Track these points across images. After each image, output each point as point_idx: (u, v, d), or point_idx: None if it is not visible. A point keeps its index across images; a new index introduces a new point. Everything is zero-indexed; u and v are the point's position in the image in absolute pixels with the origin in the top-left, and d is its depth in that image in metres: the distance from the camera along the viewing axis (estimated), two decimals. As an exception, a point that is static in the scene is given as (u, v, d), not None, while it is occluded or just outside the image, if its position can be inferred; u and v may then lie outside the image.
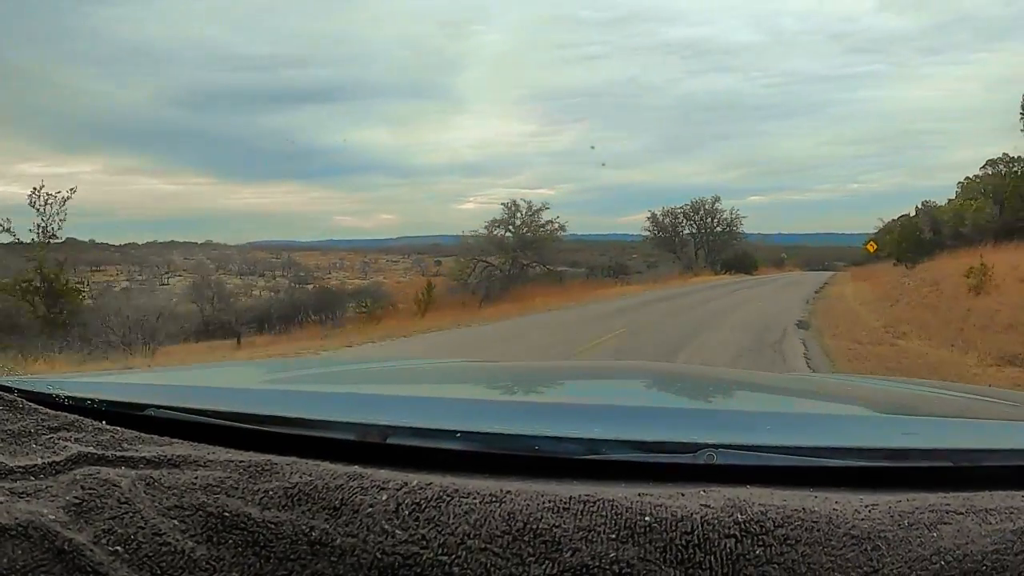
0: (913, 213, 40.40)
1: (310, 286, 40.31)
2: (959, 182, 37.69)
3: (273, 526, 0.58)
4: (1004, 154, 34.79)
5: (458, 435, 0.81)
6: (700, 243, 62.36)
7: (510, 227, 39.05)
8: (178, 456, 0.68)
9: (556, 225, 39.49)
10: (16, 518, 0.54)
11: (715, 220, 63.40)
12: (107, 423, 0.77)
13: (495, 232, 38.99)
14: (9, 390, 0.83)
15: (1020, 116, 29.71)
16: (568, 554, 0.56)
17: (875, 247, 55.42)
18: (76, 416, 0.77)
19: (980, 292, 16.46)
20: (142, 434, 0.75)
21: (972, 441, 0.92)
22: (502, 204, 39.74)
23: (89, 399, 0.88)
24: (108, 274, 44.84)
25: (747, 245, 66.66)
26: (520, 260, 38.33)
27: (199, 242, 57.70)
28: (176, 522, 0.58)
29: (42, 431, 0.72)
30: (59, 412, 0.77)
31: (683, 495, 0.62)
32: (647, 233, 61.29)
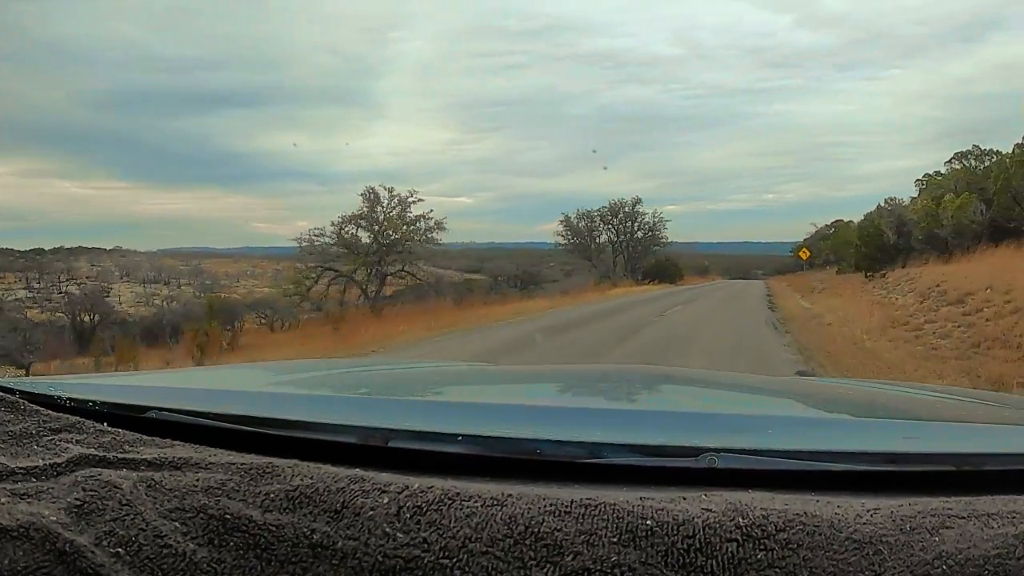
0: (872, 214, 34.47)
1: (216, 295, 36.55)
2: (918, 179, 33.25)
3: (274, 529, 0.58)
4: (975, 146, 30.65)
5: (460, 438, 0.81)
6: (619, 250, 55.40)
7: (372, 224, 29.32)
8: (179, 458, 0.68)
9: (431, 223, 29.73)
10: (17, 519, 0.54)
11: (636, 224, 56.06)
12: (108, 425, 0.77)
13: (347, 230, 29.52)
14: (11, 391, 0.83)
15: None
16: (569, 558, 0.56)
17: (808, 254, 53.62)
18: (77, 418, 0.77)
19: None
20: (144, 436, 0.75)
21: (974, 445, 0.92)
22: (360, 195, 29.60)
23: (91, 401, 0.88)
24: (6, 282, 43.01)
25: (670, 253, 59.68)
26: (382, 268, 29.24)
27: (108, 248, 55.31)
28: (177, 524, 0.58)
29: (43, 432, 0.72)
30: (60, 414, 0.77)
31: (685, 499, 0.62)
32: (560, 239, 54.43)
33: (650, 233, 56.53)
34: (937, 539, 0.57)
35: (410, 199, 29.53)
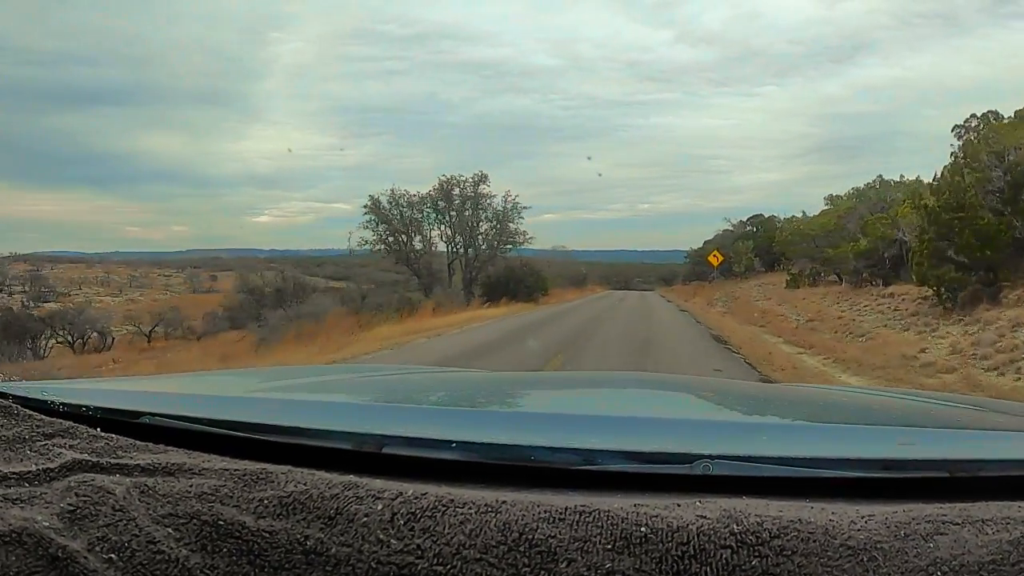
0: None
1: (49, 304, 34.13)
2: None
3: (268, 535, 0.58)
4: (972, 114, 24.85)
5: (454, 445, 0.81)
6: (458, 253, 37.69)
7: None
8: (173, 464, 0.67)
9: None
10: (10, 524, 0.54)
11: (478, 213, 37.78)
12: (102, 430, 0.76)
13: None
14: (4, 396, 0.82)
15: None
16: (563, 565, 0.56)
17: (721, 258, 42.75)
18: (71, 423, 0.76)
19: None
20: (137, 441, 0.75)
21: (968, 452, 0.92)
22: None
23: (84, 406, 0.87)
24: None
25: (534, 259, 40.75)
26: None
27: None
28: (171, 530, 0.58)
29: (37, 437, 0.72)
30: (54, 418, 0.77)
31: (679, 506, 0.62)
32: (371, 235, 35.86)
33: (498, 225, 37.92)
34: (932, 545, 0.57)
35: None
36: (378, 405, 1.30)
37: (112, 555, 0.55)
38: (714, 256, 43.34)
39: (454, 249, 38.20)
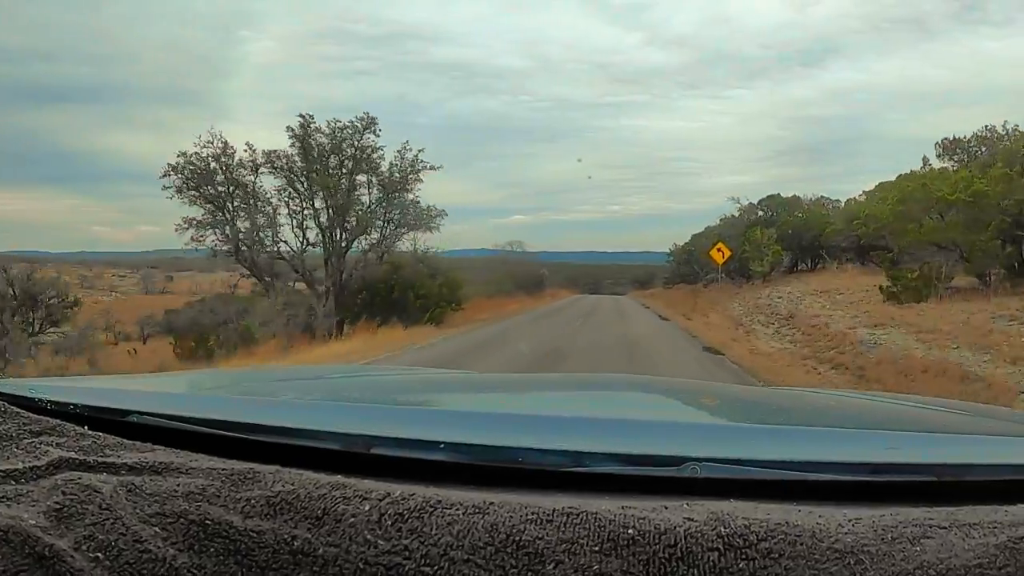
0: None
1: None
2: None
3: (255, 535, 0.58)
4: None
5: (442, 446, 0.81)
6: (333, 250, 22.52)
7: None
8: (160, 463, 0.67)
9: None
10: None
11: (354, 179, 22.87)
12: (89, 428, 0.76)
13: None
14: None
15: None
16: (551, 566, 0.56)
17: (728, 253, 28.81)
18: (58, 421, 0.76)
19: None
20: (124, 440, 0.74)
21: (955, 456, 0.93)
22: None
23: (71, 404, 0.87)
24: None
25: (438, 257, 25.09)
26: None
27: None
28: (157, 529, 0.58)
29: (23, 435, 0.72)
30: (41, 416, 0.76)
31: (667, 508, 0.62)
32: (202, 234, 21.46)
33: (382, 197, 23.22)
34: (918, 549, 0.57)
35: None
36: (366, 405, 1.30)
37: (99, 554, 0.55)
38: (718, 251, 29.18)
39: (328, 239, 22.67)
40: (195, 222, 21.54)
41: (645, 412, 1.47)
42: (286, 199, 22.53)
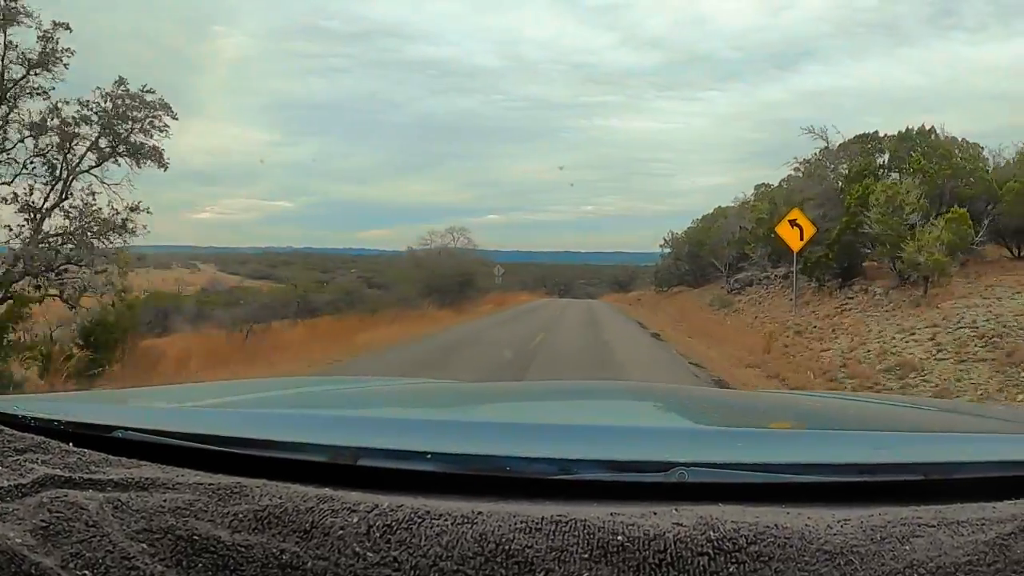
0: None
1: None
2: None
3: (243, 549, 0.58)
4: None
5: (430, 456, 0.81)
6: None
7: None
8: (146, 479, 0.67)
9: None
10: None
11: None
12: (74, 445, 0.75)
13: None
14: None
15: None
16: (541, 575, 0.56)
17: (813, 230, 15.65)
18: (42, 438, 0.75)
19: None
20: (110, 456, 0.74)
21: (943, 455, 0.93)
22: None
23: (56, 420, 0.86)
24: None
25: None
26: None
27: None
28: (145, 546, 0.57)
29: (8, 453, 0.71)
30: (25, 433, 0.76)
31: (655, 514, 0.62)
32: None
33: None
34: (908, 547, 0.58)
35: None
36: (353, 416, 1.29)
37: (86, 572, 0.54)
38: (794, 225, 16.74)
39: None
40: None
41: (632, 418, 1.48)
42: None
